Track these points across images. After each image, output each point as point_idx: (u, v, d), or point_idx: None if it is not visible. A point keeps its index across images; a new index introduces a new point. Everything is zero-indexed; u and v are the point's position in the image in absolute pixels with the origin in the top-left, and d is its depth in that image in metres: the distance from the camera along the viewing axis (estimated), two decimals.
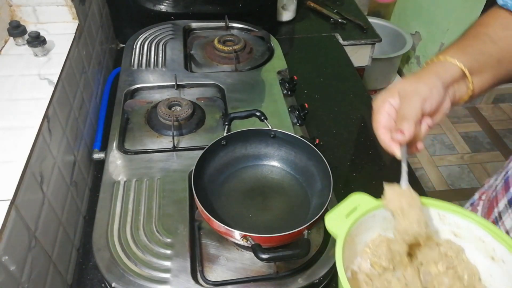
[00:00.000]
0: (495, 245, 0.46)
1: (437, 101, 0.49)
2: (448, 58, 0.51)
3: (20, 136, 0.56)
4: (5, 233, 0.46)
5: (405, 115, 0.48)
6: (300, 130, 0.82)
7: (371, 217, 0.49)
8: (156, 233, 0.62)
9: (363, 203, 0.48)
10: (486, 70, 0.53)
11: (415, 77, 0.50)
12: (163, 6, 1.11)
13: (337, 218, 0.46)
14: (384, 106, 0.50)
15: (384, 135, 0.50)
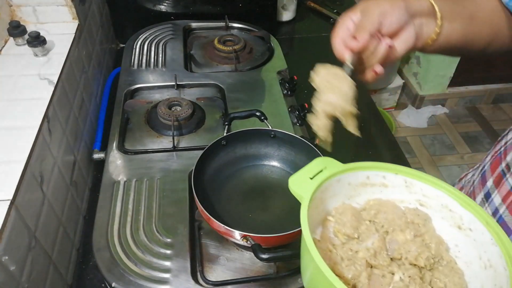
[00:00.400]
0: (462, 212, 0.45)
1: (398, 19, 0.49)
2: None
3: (20, 136, 0.56)
4: (5, 233, 0.46)
5: (362, 25, 0.49)
6: (300, 130, 0.82)
7: (336, 181, 0.47)
8: (156, 233, 0.62)
9: (329, 166, 0.46)
10: (457, 19, 0.53)
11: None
12: (163, 6, 1.11)
13: (302, 179, 0.44)
14: (345, 21, 0.52)
15: (339, 44, 0.52)
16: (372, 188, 0.50)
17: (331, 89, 0.49)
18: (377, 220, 0.48)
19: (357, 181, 0.49)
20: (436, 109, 2.36)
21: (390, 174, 0.49)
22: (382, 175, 0.49)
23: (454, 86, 2.33)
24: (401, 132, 2.26)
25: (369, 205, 0.50)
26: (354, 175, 0.48)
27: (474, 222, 0.44)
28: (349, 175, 0.48)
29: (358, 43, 0.49)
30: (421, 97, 2.33)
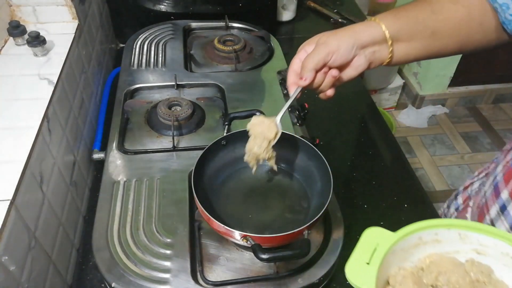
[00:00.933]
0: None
1: (343, 56, 0.54)
2: (377, 20, 0.55)
3: (20, 136, 0.56)
4: (5, 233, 0.46)
5: (306, 64, 0.55)
6: (300, 130, 0.82)
7: (391, 254, 0.45)
8: (156, 233, 0.62)
9: (382, 241, 0.44)
10: (416, 39, 0.56)
11: (336, 31, 0.56)
12: (163, 6, 1.11)
13: (359, 267, 0.42)
14: (299, 53, 0.58)
15: (291, 77, 0.58)
16: (425, 245, 0.48)
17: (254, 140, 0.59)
18: (440, 283, 0.47)
19: (410, 244, 0.47)
20: (436, 109, 2.36)
21: (443, 230, 0.47)
22: (434, 232, 0.47)
23: (454, 86, 2.33)
24: (401, 132, 2.25)
25: (426, 264, 0.48)
26: (406, 240, 0.46)
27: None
28: (402, 243, 0.46)
29: (304, 82, 0.55)
30: (421, 97, 2.33)
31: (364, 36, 0.54)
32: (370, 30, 0.54)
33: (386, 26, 0.54)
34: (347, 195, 0.78)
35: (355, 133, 0.94)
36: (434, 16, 0.54)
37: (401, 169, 0.85)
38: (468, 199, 0.69)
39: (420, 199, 0.79)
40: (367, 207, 0.76)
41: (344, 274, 0.61)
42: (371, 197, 0.78)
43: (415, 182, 0.82)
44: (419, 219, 0.77)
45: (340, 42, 0.54)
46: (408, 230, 0.46)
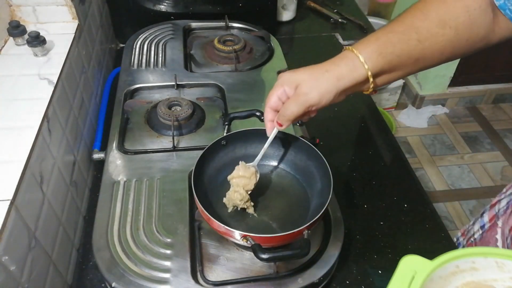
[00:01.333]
0: None
1: (324, 105, 0.54)
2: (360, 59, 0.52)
3: (20, 136, 0.56)
4: (5, 233, 0.46)
5: (285, 113, 0.54)
6: (300, 130, 0.82)
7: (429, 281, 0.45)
8: (156, 233, 0.62)
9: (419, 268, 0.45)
10: (398, 69, 0.55)
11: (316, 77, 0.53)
12: (163, 6, 1.11)
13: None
14: (279, 89, 0.55)
15: (268, 114, 0.57)
16: (462, 273, 0.48)
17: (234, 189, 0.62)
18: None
19: (447, 272, 0.48)
20: (436, 109, 2.36)
21: (479, 258, 0.47)
22: (471, 260, 0.48)
23: (454, 86, 2.33)
24: (401, 132, 2.25)
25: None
26: (443, 268, 0.47)
27: None
28: (439, 270, 0.46)
29: (280, 128, 0.57)
30: (421, 97, 2.33)
31: (347, 82, 0.53)
32: (353, 75, 0.53)
33: (370, 67, 0.52)
34: (347, 195, 0.78)
35: (355, 133, 0.94)
36: (420, 45, 0.52)
37: (401, 169, 0.85)
38: (496, 218, 0.67)
39: (420, 199, 0.79)
40: (367, 207, 0.76)
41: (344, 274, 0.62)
42: (371, 197, 0.78)
43: (415, 182, 0.82)
44: (419, 219, 0.78)
45: (322, 96, 0.53)
46: (445, 259, 0.46)
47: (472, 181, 2.00)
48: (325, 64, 0.54)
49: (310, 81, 0.53)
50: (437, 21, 0.52)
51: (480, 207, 1.88)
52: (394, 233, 0.72)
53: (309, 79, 0.53)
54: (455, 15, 0.51)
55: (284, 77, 0.55)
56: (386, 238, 0.71)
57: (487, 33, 0.53)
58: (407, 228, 0.73)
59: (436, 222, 0.74)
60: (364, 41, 0.54)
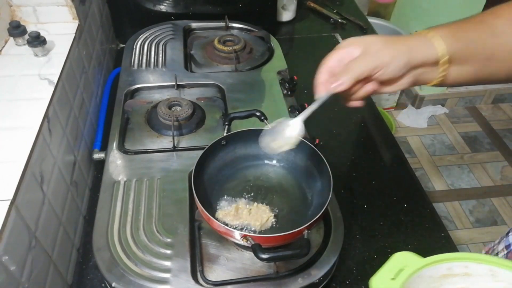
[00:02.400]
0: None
1: (391, 73, 0.48)
2: (434, 38, 0.49)
3: (20, 136, 0.56)
4: (5, 233, 0.46)
5: (350, 70, 0.48)
6: None
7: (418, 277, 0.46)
8: (156, 233, 0.62)
9: (409, 263, 0.46)
10: (470, 62, 0.51)
11: (388, 40, 0.49)
12: (163, 6, 1.11)
13: (383, 281, 0.44)
14: (342, 50, 0.50)
15: (322, 75, 0.50)
16: (454, 278, 0.48)
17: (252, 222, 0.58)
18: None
19: (439, 273, 0.48)
20: (436, 109, 2.36)
21: (473, 264, 0.47)
22: (464, 265, 0.47)
23: (454, 86, 2.33)
24: (401, 132, 2.26)
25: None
26: (434, 268, 0.47)
27: None
28: (429, 269, 0.47)
29: (338, 88, 0.48)
30: (421, 97, 2.33)
31: (419, 55, 0.48)
32: (426, 50, 0.48)
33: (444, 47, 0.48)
34: (347, 195, 0.78)
35: (355, 133, 0.94)
36: (494, 39, 0.49)
37: (400, 169, 0.85)
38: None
39: (419, 199, 0.79)
40: (367, 207, 0.76)
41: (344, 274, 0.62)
42: (371, 197, 0.78)
43: (414, 182, 0.82)
44: (419, 219, 0.78)
45: (393, 58, 0.48)
46: (437, 259, 0.47)
47: (471, 181, 2.00)
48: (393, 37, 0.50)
49: (380, 43, 0.49)
50: (510, 22, 0.49)
51: (480, 207, 1.89)
52: (394, 233, 0.72)
53: (379, 41, 0.49)
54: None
55: (349, 40, 0.51)
56: (386, 238, 0.71)
57: None
58: (407, 228, 0.73)
59: (436, 222, 0.74)
60: (435, 27, 0.50)
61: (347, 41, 0.51)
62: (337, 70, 0.50)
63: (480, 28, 0.50)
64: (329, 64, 0.50)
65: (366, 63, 0.48)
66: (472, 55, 0.50)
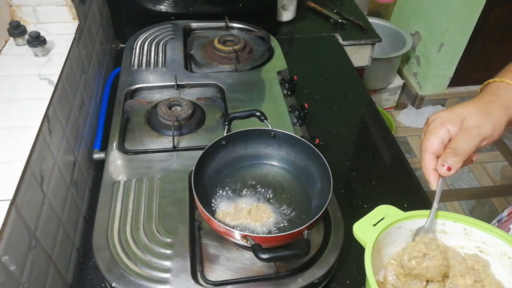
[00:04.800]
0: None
1: (495, 139, 0.47)
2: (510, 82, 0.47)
3: (20, 136, 0.56)
4: (5, 233, 0.46)
5: (458, 151, 0.45)
6: (300, 130, 0.82)
7: (398, 228, 0.49)
8: (156, 233, 0.62)
9: (391, 214, 0.49)
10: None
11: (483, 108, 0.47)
12: (163, 6, 1.11)
13: (365, 226, 0.47)
14: (440, 130, 0.47)
15: (429, 160, 0.48)
16: (433, 235, 0.51)
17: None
18: None
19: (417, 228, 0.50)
20: (436, 109, 2.36)
21: (449, 222, 0.50)
22: (442, 222, 0.50)
23: (454, 86, 2.33)
24: (401, 132, 2.26)
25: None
26: (414, 222, 0.50)
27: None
28: (409, 222, 0.49)
29: (449, 173, 0.46)
30: (421, 97, 2.33)
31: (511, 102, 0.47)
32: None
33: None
34: (347, 195, 0.78)
35: (355, 133, 0.94)
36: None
37: (400, 169, 0.85)
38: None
39: (419, 199, 0.79)
40: (367, 207, 0.76)
41: (344, 274, 0.62)
42: (371, 197, 0.78)
43: (414, 182, 0.82)
44: None
45: (496, 127, 0.46)
46: (416, 213, 0.49)
47: (471, 181, 2.00)
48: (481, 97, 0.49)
49: (478, 113, 0.47)
50: None
51: (480, 207, 1.89)
52: None
53: (476, 111, 0.47)
54: None
55: (443, 115, 0.48)
56: None
57: None
58: None
59: None
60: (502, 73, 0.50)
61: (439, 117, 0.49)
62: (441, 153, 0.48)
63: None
64: (431, 147, 0.48)
65: (471, 140, 0.46)
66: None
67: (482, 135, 0.46)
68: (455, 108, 0.48)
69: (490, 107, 0.47)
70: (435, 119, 0.48)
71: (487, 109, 0.47)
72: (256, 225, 0.61)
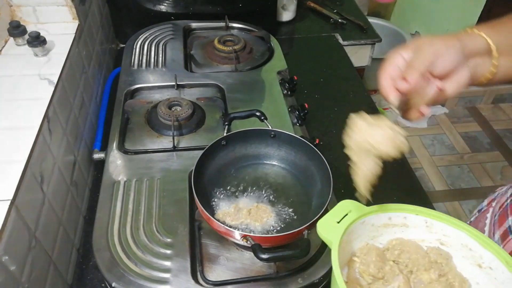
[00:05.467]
0: (482, 252, 0.47)
1: (451, 61, 0.47)
2: (475, 31, 0.48)
3: (21, 136, 0.56)
4: (5, 233, 0.46)
5: (413, 64, 0.46)
6: (300, 130, 0.82)
7: (361, 223, 0.49)
8: (156, 233, 0.62)
9: (354, 209, 0.49)
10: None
11: (437, 36, 0.48)
12: (163, 6, 1.11)
13: (329, 224, 0.47)
14: (395, 58, 0.49)
15: (386, 81, 0.48)
16: (394, 228, 0.51)
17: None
18: (401, 260, 0.50)
19: (380, 222, 0.51)
20: (436, 109, 2.36)
21: (411, 215, 0.50)
22: (403, 216, 0.51)
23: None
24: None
25: (392, 245, 0.51)
26: (377, 217, 0.50)
27: (494, 261, 0.45)
28: (372, 217, 0.50)
29: (407, 85, 0.46)
30: None
31: (470, 43, 0.48)
32: (473, 40, 0.48)
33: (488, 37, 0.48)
34: (347, 195, 0.78)
35: None
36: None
37: (400, 169, 0.85)
38: (493, 201, 0.69)
39: (419, 199, 0.79)
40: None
41: None
42: (371, 197, 0.78)
43: (414, 182, 0.82)
44: None
45: (447, 46, 0.47)
46: (378, 208, 0.50)
47: (471, 181, 2.00)
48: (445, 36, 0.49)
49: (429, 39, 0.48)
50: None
51: None
52: None
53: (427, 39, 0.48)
54: None
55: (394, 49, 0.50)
56: None
57: None
58: None
59: None
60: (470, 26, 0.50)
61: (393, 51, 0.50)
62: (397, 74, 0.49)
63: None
64: (388, 71, 0.49)
65: (424, 55, 0.46)
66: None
67: (434, 48, 0.46)
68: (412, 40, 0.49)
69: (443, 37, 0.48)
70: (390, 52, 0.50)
71: (440, 37, 0.48)
72: (256, 225, 0.61)
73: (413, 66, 0.46)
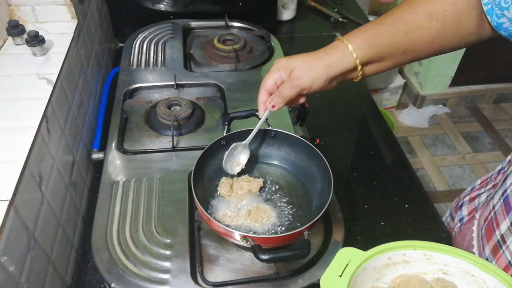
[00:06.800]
0: (485, 277, 0.47)
1: (315, 90, 0.58)
2: (349, 48, 0.55)
3: (19, 136, 0.56)
4: (4, 234, 0.46)
5: (282, 94, 0.57)
6: (300, 130, 0.82)
7: (362, 270, 0.49)
8: (156, 234, 0.61)
9: (353, 257, 0.49)
10: (387, 59, 0.57)
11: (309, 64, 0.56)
12: (162, 5, 1.11)
13: (332, 279, 0.47)
14: (275, 73, 0.58)
15: (262, 95, 0.59)
16: (395, 266, 0.51)
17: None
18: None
19: (381, 264, 0.51)
20: (437, 109, 2.35)
21: (409, 250, 0.51)
22: (402, 253, 0.51)
23: (455, 86, 2.33)
24: (402, 132, 2.25)
25: (396, 283, 0.51)
26: (377, 259, 0.50)
27: (498, 285, 0.46)
28: (372, 261, 0.50)
29: (273, 109, 0.58)
30: (422, 97, 2.33)
31: (337, 70, 0.56)
32: (343, 63, 0.56)
33: (359, 56, 0.55)
34: (348, 195, 0.78)
35: (355, 133, 0.94)
36: (408, 36, 0.55)
37: (401, 169, 0.84)
38: (475, 211, 0.68)
39: (421, 199, 0.78)
40: (368, 207, 0.76)
41: None
42: (372, 197, 0.78)
43: (415, 182, 0.82)
44: (420, 219, 0.78)
45: (313, 81, 0.56)
46: (377, 250, 0.50)
47: (472, 181, 1.99)
48: (317, 52, 0.58)
49: (303, 67, 0.57)
50: (424, 14, 0.54)
51: None
52: (395, 234, 0.72)
53: (302, 65, 0.57)
54: (442, 9, 0.53)
55: (280, 62, 0.59)
56: (387, 238, 0.71)
57: (477, 28, 0.53)
58: (408, 229, 0.73)
59: (437, 223, 0.74)
60: (354, 32, 0.57)
61: (279, 62, 0.59)
62: (273, 91, 0.59)
63: (395, 29, 0.55)
64: (267, 86, 0.59)
65: (293, 88, 0.57)
66: (388, 55, 0.57)
67: (301, 86, 0.56)
68: (291, 59, 0.58)
69: (316, 63, 0.56)
70: (276, 63, 0.59)
71: (312, 65, 0.56)
72: (256, 226, 0.60)
73: (281, 96, 0.57)
